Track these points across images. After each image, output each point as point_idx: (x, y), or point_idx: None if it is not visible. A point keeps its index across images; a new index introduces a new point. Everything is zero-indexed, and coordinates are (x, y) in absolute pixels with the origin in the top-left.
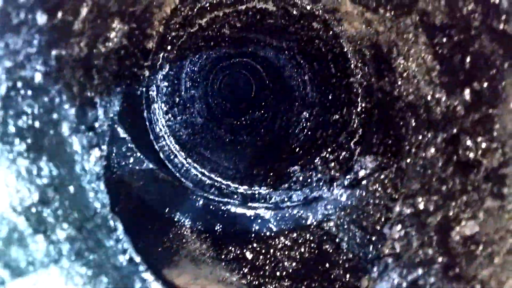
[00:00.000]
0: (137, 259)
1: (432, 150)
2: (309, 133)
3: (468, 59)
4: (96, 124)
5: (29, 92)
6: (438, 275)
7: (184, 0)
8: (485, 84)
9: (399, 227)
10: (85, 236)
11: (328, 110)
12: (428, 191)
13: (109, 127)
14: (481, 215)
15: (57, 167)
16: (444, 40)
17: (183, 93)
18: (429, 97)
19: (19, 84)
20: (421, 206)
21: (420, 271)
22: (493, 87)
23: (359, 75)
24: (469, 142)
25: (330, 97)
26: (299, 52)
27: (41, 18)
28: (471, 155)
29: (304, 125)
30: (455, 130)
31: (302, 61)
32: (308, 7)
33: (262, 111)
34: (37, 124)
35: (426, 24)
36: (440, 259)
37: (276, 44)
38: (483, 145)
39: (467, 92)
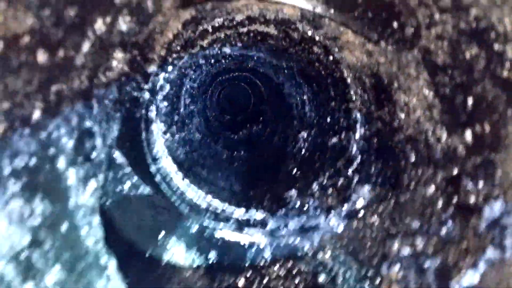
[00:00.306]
0: None
1: (432, 188)
2: (307, 154)
3: (470, 101)
4: (94, 154)
5: (27, 131)
6: None
7: (186, 24)
8: (487, 128)
9: (397, 267)
10: (75, 278)
11: (326, 133)
12: (427, 231)
13: (106, 155)
14: (481, 265)
15: (50, 204)
16: (446, 79)
17: (182, 110)
18: (429, 133)
19: (17, 124)
20: (420, 247)
21: None
22: (495, 132)
23: (359, 102)
24: (470, 186)
25: (328, 120)
26: (298, 72)
27: (42, 57)
28: (472, 199)
29: (302, 145)
30: (456, 171)
31: (301, 81)
32: (309, 33)
33: (260, 126)
34: (33, 161)
35: (428, 62)
36: None
37: (276, 63)
38: (485, 190)
39: (468, 134)
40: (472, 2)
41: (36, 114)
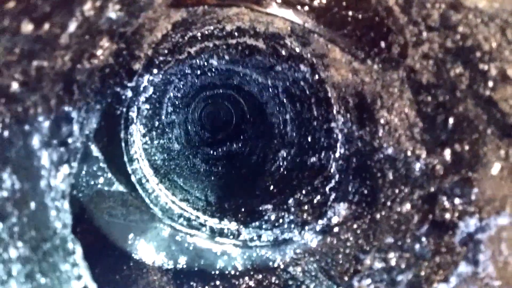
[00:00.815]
0: (92, 287)
1: (408, 206)
2: (285, 172)
3: (451, 120)
4: (70, 140)
5: (3, 100)
6: None
7: (176, 27)
8: (467, 147)
9: (368, 281)
10: (39, 257)
11: (306, 152)
12: (400, 247)
13: (83, 144)
14: (453, 280)
15: (20, 180)
16: (429, 99)
17: (163, 117)
18: (409, 153)
19: None
20: (393, 262)
21: None
22: (475, 151)
23: (341, 122)
24: (446, 203)
25: (309, 139)
26: (283, 91)
27: (26, 27)
28: (448, 216)
29: (281, 163)
30: (432, 189)
31: (285, 100)
32: (298, 49)
33: (240, 144)
34: (6, 133)
35: (412, 81)
36: None
37: (261, 81)
38: (460, 207)
39: (447, 153)
40: (460, 20)
41: (14, 86)
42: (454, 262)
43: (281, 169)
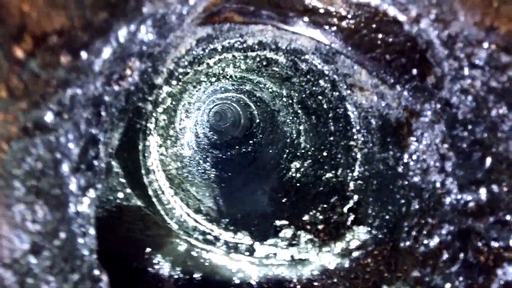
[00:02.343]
0: None
1: (436, 240)
2: (298, 185)
3: (489, 160)
4: (95, 162)
5: (37, 132)
6: None
7: (200, 41)
8: (505, 189)
9: None
10: None
11: (321, 167)
12: (428, 284)
13: (106, 164)
14: None
15: (51, 211)
16: (465, 134)
17: (176, 124)
18: (438, 184)
19: (29, 124)
20: None
21: None
22: None
23: (361, 141)
24: (480, 244)
25: (325, 154)
26: (298, 102)
27: (65, 59)
28: (482, 259)
29: (294, 175)
30: (464, 226)
31: (299, 111)
32: (319, 66)
33: (250, 149)
34: (39, 165)
35: (447, 114)
36: None
37: (275, 89)
38: (497, 252)
39: (483, 192)
40: (510, 62)
41: (49, 117)
42: None
43: (294, 181)
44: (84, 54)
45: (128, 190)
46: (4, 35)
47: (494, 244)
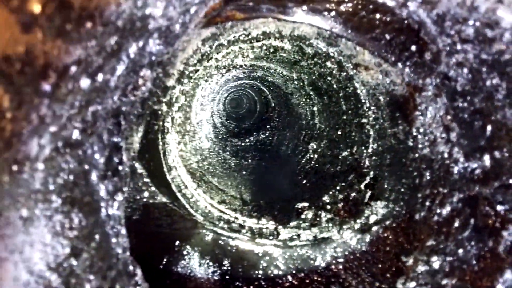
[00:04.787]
0: None
1: (448, 208)
2: (317, 165)
3: (489, 127)
4: (120, 168)
5: (67, 150)
6: None
7: (205, 40)
8: (506, 154)
9: (413, 284)
10: (109, 286)
11: (337, 146)
12: (443, 250)
13: (130, 168)
14: (499, 287)
15: (85, 217)
16: (465, 105)
17: (193, 119)
18: (445, 155)
19: (60, 144)
20: (436, 265)
21: None
22: None
23: (372, 118)
24: (487, 209)
25: (339, 132)
26: (309, 84)
27: (84, 83)
28: (490, 222)
29: (312, 156)
30: (473, 193)
31: (311, 93)
32: (324, 49)
33: (267, 134)
34: (71, 177)
35: (447, 87)
36: None
37: (286, 74)
38: (503, 214)
39: (486, 158)
40: (496, 37)
41: (76, 134)
42: (500, 269)
43: (313, 162)
44: (100, 76)
45: (153, 189)
46: (33, 74)
47: (500, 207)
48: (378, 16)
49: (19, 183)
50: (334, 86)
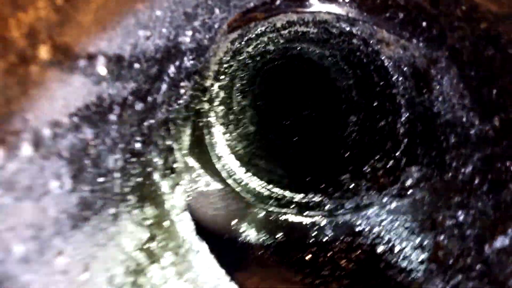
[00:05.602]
0: (221, 272)
1: (470, 167)
2: (357, 137)
3: (494, 92)
4: (175, 165)
5: (134, 159)
6: (475, 280)
7: (234, 41)
8: (511, 116)
9: (442, 237)
10: (181, 260)
11: (374, 116)
12: (467, 205)
13: (184, 163)
14: (510, 231)
15: (154, 209)
16: (472, 74)
17: (234, 108)
18: (464, 119)
19: (127, 156)
20: (461, 219)
21: (460, 277)
22: None
23: (401, 88)
24: (500, 165)
25: (375, 104)
26: (342, 59)
27: (138, 106)
28: (503, 176)
29: (352, 129)
30: (488, 152)
31: (345, 67)
32: (347, 29)
33: (309, 111)
34: (140, 179)
35: (456, 59)
36: (477, 267)
37: (319, 51)
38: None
39: (496, 120)
40: (480, 18)
41: (138, 145)
42: (511, 217)
43: (353, 135)
44: (149, 98)
45: (207, 178)
46: (104, 111)
47: (509, 163)
48: None
49: (105, 190)
50: (364, 60)
